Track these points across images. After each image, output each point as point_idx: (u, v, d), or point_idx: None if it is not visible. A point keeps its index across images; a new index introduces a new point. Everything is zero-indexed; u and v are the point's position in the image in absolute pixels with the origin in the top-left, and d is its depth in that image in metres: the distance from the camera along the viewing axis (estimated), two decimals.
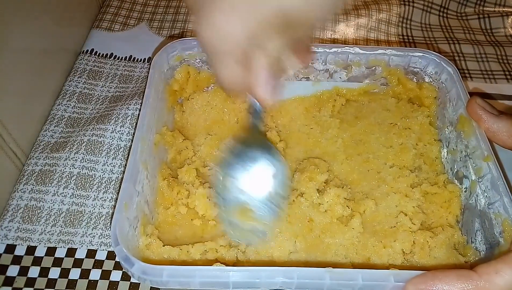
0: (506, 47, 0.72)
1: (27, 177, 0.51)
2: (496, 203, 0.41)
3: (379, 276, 0.35)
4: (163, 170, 0.48)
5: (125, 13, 0.75)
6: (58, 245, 0.47)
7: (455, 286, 0.32)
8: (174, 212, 0.46)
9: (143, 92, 0.48)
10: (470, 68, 0.69)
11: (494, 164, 0.42)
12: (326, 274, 0.35)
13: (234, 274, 0.35)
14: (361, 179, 0.50)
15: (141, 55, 0.67)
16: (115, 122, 0.56)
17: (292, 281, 0.35)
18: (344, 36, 0.73)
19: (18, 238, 0.47)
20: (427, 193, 0.48)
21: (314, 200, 0.46)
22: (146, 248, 0.41)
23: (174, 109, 0.54)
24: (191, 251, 0.42)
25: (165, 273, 0.35)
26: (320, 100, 0.56)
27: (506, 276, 0.32)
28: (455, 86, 0.50)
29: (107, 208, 0.50)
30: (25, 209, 0.49)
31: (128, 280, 0.45)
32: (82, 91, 0.61)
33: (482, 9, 0.77)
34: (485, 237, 0.42)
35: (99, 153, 0.53)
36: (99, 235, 0.48)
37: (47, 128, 0.57)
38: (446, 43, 0.72)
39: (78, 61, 0.65)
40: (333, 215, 0.46)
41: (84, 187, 0.51)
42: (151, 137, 0.46)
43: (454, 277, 0.33)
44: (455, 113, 0.49)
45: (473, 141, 0.45)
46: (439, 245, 0.43)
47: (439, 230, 0.45)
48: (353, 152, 0.52)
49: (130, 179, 0.40)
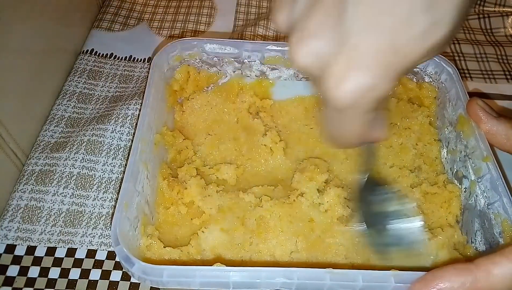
0: (506, 47, 0.72)
1: (27, 177, 0.51)
2: (495, 203, 0.41)
3: (379, 277, 0.35)
4: (163, 170, 0.48)
5: (125, 13, 0.75)
6: (58, 245, 0.47)
7: (455, 282, 0.33)
8: (174, 212, 0.46)
9: (143, 92, 0.48)
10: (470, 68, 0.69)
11: (494, 164, 0.42)
12: (326, 275, 0.35)
13: (234, 274, 0.35)
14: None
15: (141, 55, 0.67)
16: (115, 122, 0.56)
17: (292, 281, 0.35)
18: None
19: (18, 238, 0.47)
20: (427, 193, 0.48)
21: (315, 200, 0.46)
22: (147, 249, 0.41)
23: (174, 109, 0.54)
24: (191, 251, 0.42)
25: (165, 273, 0.35)
26: (320, 100, 0.56)
27: (504, 267, 0.32)
28: (455, 86, 0.50)
29: (107, 208, 0.50)
30: (25, 209, 0.49)
31: (128, 280, 0.45)
32: (82, 91, 0.61)
33: (482, 9, 0.77)
34: (485, 237, 0.42)
35: (99, 153, 0.53)
36: (99, 235, 0.48)
37: (47, 128, 0.57)
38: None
39: (78, 61, 0.65)
40: (333, 215, 0.46)
41: (84, 187, 0.51)
42: (151, 137, 0.46)
43: (453, 273, 0.33)
44: (454, 113, 0.49)
45: (473, 141, 0.45)
46: (439, 245, 0.43)
47: (439, 230, 0.45)
48: (353, 152, 0.52)
49: (130, 179, 0.40)
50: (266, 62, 0.54)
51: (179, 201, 0.46)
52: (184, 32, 0.72)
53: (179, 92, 0.54)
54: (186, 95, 0.54)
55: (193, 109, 0.54)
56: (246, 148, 0.52)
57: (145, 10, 0.76)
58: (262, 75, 0.56)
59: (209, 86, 0.55)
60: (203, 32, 0.73)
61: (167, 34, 0.72)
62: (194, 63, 0.54)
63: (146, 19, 0.74)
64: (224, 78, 0.55)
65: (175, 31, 0.72)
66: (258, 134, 0.52)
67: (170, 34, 0.72)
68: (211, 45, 0.52)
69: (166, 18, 0.74)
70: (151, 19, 0.74)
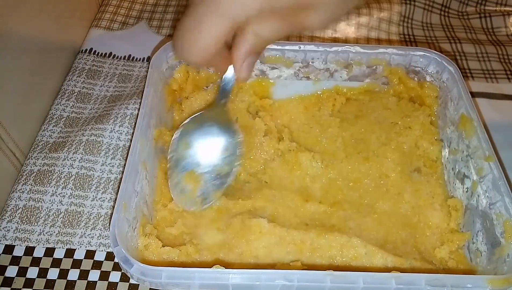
0: (507, 47, 0.71)
1: (26, 177, 0.51)
2: (497, 203, 0.41)
3: (380, 279, 0.35)
4: (163, 165, 0.47)
5: (124, 12, 0.74)
6: (57, 246, 0.47)
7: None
8: (172, 210, 0.46)
9: (142, 92, 0.47)
10: (471, 68, 0.68)
11: (496, 164, 0.42)
12: (327, 277, 0.35)
13: (233, 276, 0.35)
14: (361, 178, 0.50)
15: (140, 54, 0.67)
16: (114, 121, 0.55)
17: (293, 283, 0.34)
18: (345, 35, 0.73)
19: (16, 239, 0.47)
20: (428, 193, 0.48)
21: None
22: (145, 249, 0.41)
23: (173, 108, 0.54)
24: (189, 251, 0.42)
25: (164, 274, 0.35)
26: (320, 99, 0.56)
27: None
28: (456, 85, 0.49)
29: (106, 208, 0.50)
30: (23, 210, 0.48)
31: (127, 281, 0.45)
32: (81, 91, 0.61)
33: (484, 8, 0.77)
34: (486, 237, 0.42)
35: (98, 153, 0.53)
36: (97, 236, 0.48)
37: (46, 128, 0.56)
38: (447, 42, 0.72)
39: (77, 60, 0.65)
40: (333, 215, 0.45)
41: (82, 187, 0.51)
42: (150, 136, 0.46)
43: None
44: (456, 113, 0.49)
45: (475, 141, 0.45)
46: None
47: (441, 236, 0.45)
48: (353, 151, 0.52)
49: (129, 179, 0.40)
50: (266, 61, 0.53)
51: None
52: None
53: (178, 91, 0.54)
54: (185, 95, 0.54)
55: (192, 108, 0.54)
56: (246, 148, 0.51)
57: (144, 9, 0.76)
58: (262, 74, 0.55)
59: (208, 85, 0.55)
60: None
61: (166, 33, 0.71)
62: None
63: (145, 18, 0.74)
64: None
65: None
66: (258, 134, 0.52)
67: (169, 33, 0.72)
68: None
69: (165, 17, 0.74)
70: (150, 18, 0.74)
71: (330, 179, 0.50)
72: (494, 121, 0.59)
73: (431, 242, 0.45)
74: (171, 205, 0.46)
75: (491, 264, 0.40)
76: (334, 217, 0.46)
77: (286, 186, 0.49)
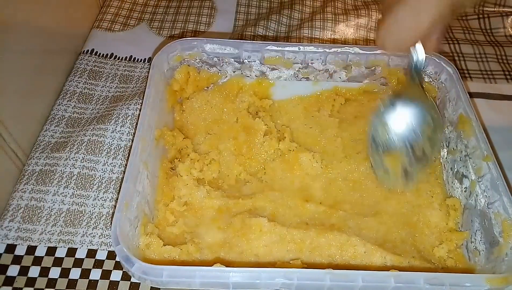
0: (505, 47, 0.72)
1: (28, 177, 0.51)
2: (495, 203, 0.41)
3: (379, 277, 0.35)
4: (164, 164, 0.48)
5: (125, 13, 0.75)
6: (59, 245, 0.47)
7: None
8: (174, 209, 0.46)
9: (143, 92, 0.48)
10: (469, 68, 0.69)
11: (494, 164, 0.43)
12: (326, 275, 0.35)
13: (234, 274, 0.35)
14: (360, 177, 0.50)
15: (142, 55, 0.67)
16: (116, 122, 0.56)
17: (292, 282, 0.35)
18: (344, 36, 0.73)
19: (18, 238, 0.47)
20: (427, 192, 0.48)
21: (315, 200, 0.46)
22: (146, 248, 0.41)
23: (174, 108, 0.54)
24: (190, 250, 0.42)
25: (165, 273, 0.35)
26: (319, 100, 0.57)
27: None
28: (454, 86, 0.50)
29: (107, 208, 0.50)
30: (25, 209, 0.49)
31: (128, 280, 0.45)
32: (82, 91, 0.61)
33: (482, 9, 0.77)
34: (484, 236, 0.42)
35: (100, 153, 0.54)
36: (99, 235, 0.48)
37: (48, 128, 0.57)
38: (445, 43, 0.72)
39: (78, 61, 0.65)
40: (333, 214, 0.46)
41: (84, 187, 0.51)
42: (151, 137, 0.46)
43: None
44: (455, 113, 0.49)
45: (473, 141, 0.45)
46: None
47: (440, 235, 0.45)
48: (352, 151, 0.52)
49: (131, 178, 0.40)
50: (266, 62, 0.54)
51: (178, 198, 0.46)
52: (184, 32, 0.72)
53: (179, 92, 0.54)
54: (186, 95, 0.54)
55: (193, 108, 0.54)
56: (246, 148, 0.52)
57: (145, 10, 0.76)
58: (262, 75, 0.56)
59: (209, 86, 0.55)
60: (203, 32, 0.73)
61: (167, 34, 0.72)
62: (194, 63, 0.54)
63: (146, 19, 0.74)
64: (224, 78, 0.55)
65: (175, 31, 0.72)
66: (258, 134, 0.52)
67: (170, 34, 0.72)
68: (211, 45, 0.52)
69: (166, 18, 0.74)
70: (151, 19, 0.74)
71: (329, 179, 0.50)
72: (492, 122, 0.60)
73: (430, 241, 0.46)
74: (172, 204, 0.46)
75: (490, 263, 0.40)
76: (334, 216, 0.47)
77: (286, 186, 0.50)
